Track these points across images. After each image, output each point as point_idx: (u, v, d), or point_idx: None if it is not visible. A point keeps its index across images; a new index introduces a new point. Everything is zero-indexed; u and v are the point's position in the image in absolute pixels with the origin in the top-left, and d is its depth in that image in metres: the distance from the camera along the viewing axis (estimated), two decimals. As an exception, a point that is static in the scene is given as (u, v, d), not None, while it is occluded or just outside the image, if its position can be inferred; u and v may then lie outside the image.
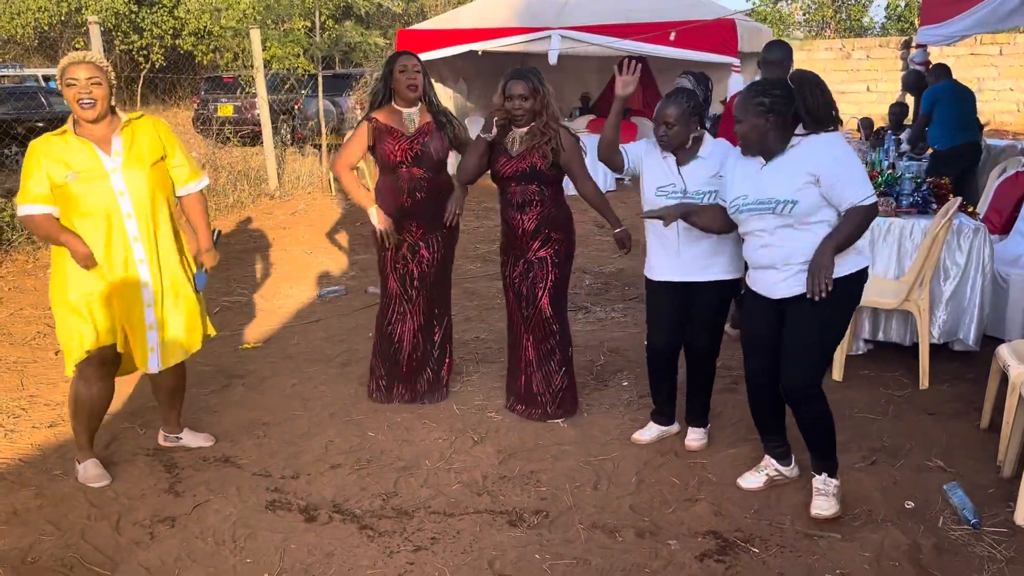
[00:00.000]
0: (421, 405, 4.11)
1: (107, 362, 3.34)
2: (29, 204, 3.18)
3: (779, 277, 2.98)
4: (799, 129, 2.92)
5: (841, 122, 2.98)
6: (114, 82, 3.23)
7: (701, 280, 3.40)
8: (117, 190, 3.20)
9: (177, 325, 3.40)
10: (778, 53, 4.62)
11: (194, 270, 3.53)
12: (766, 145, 2.92)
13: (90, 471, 3.40)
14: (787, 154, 2.92)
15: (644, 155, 3.45)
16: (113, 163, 3.20)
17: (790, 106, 2.87)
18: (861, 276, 2.97)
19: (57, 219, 3.20)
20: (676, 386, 3.70)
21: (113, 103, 3.26)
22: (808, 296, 2.86)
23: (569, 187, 3.77)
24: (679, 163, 3.35)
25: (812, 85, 2.88)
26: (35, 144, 3.19)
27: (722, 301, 3.45)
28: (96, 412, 3.41)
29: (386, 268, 4.03)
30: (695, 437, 3.63)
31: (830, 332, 3.00)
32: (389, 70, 3.84)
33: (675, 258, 3.41)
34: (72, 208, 3.18)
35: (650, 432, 3.72)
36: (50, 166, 3.14)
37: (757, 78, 4.13)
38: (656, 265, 3.49)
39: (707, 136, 3.38)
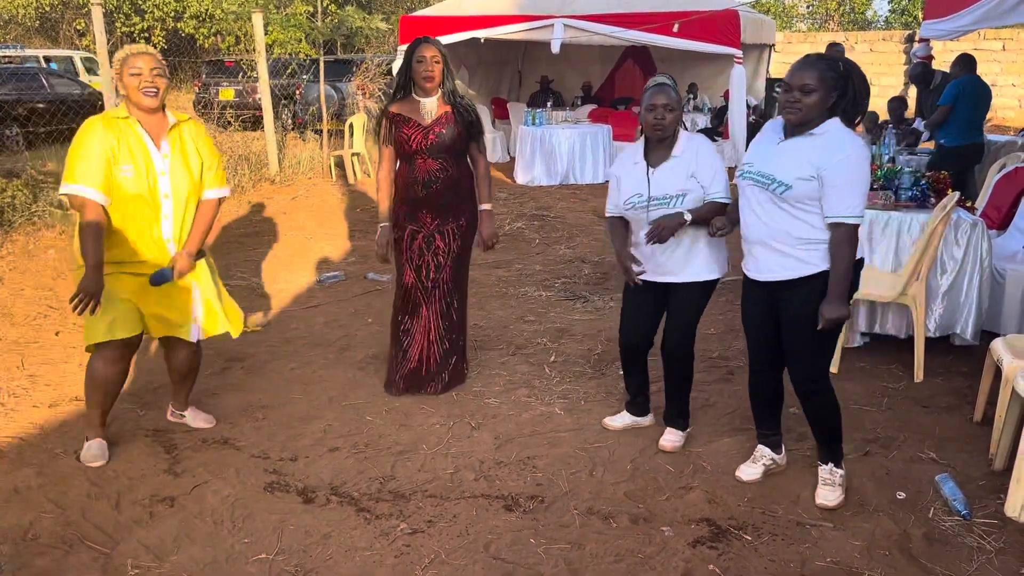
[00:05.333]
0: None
1: (130, 345, 3.37)
2: (80, 185, 3.10)
3: (765, 256, 2.97)
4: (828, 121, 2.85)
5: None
6: (168, 77, 3.29)
7: (676, 281, 3.37)
8: (163, 192, 3.27)
9: (221, 306, 3.53)
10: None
11: (213, 267, 3.59)
12: (808, 119, 2.82)
13: (91, 450, 3.43)
14: (807, 139, 2.84)
15: (621, 177, 3.39)
16: (163, 164, 3.26)
17: (844, 89, 2.82)
18: (857, 266, 2.96)
19: (103, 221, 3.14)
20: (648, 380, 3.69)
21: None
22: (743, 267, 3.00)
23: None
24: (652, 164, 3.30)
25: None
26: (96, 123, 3.17)
27: (697, 301, 3.39)
28: (111, 392, 3.43)
29: (402, 259, 3.98)
30: (669, 438, 3.55)
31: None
32: (408, 59, 3.82)
33: (649, 261, 3.37)
34: (116, 199, 3.19)
35: (621, 420, 3.74)
36: (112, 148, 3.14)
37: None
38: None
39: (682, 132, 3.31)
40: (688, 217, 3.20)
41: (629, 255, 3.37)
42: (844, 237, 2.80)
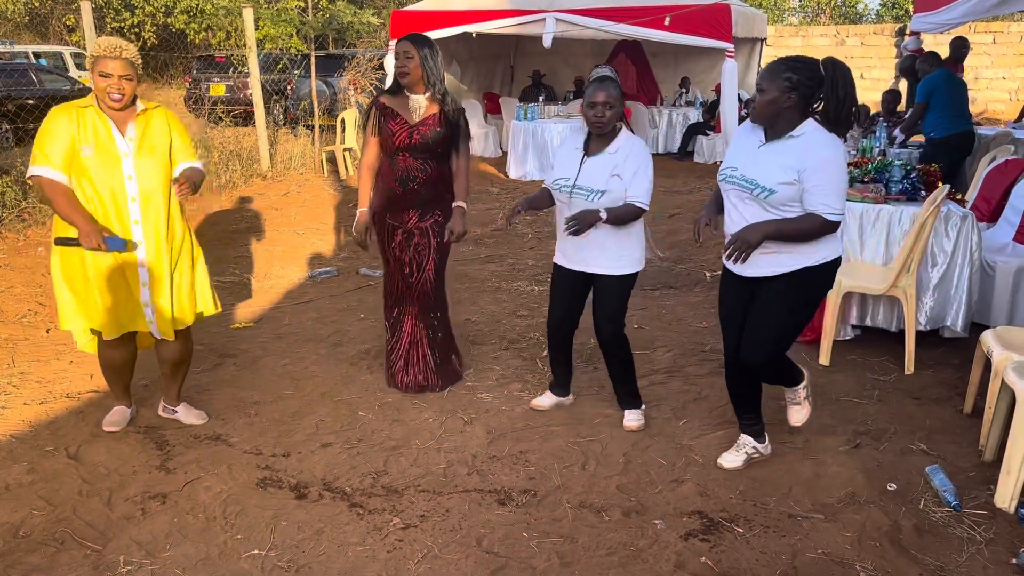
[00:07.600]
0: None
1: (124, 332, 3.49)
2: (44, 167, 3.21)
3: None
4: (809, 121, 2.86)
5: (853, 125, 2.95)
6: (141, 73, 3.36)
7: (594, 272, 3.48)
8: (126, 174, 3.30)
9: (174, 303, 3.50)
10: None
11: (198, 253, 3.60)
12: (776, 122, 2.88)
13: (112, 415, 3.66)
14: (787, 142, 2.88)
15: (559, 157, 3.52)
16: (126, 147, 3.30)
17: (815, 91, 2.82)
18: (835, 264, 3.01)
19: (69, 189, 3.25)
20: (571, 361, 3.84)
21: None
22: (723, 260, 3.02)
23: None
24: (588, 154, 3.41)
25: (844, 78, 2.81)
26: (62, 110, 3.27)
27: (615, 292, 3.49)
28: (121, 370, 3.62)
29: (384, 255, 4.02)
30: (631, 418, 3.70)
31: (797, 316, 3.06)
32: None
33: (575, 251, 3.48)
34: (81, 180, 3.27)
35: (547, 400, 3.88)
36: (75, 133, 3.23)
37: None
38: (560, 250, 3.58)
39: (624, 132, 3.41)
40: (604, 215, 3.29)
41: (524, 205, 3.48)
42: (820, 223, 2.84)
